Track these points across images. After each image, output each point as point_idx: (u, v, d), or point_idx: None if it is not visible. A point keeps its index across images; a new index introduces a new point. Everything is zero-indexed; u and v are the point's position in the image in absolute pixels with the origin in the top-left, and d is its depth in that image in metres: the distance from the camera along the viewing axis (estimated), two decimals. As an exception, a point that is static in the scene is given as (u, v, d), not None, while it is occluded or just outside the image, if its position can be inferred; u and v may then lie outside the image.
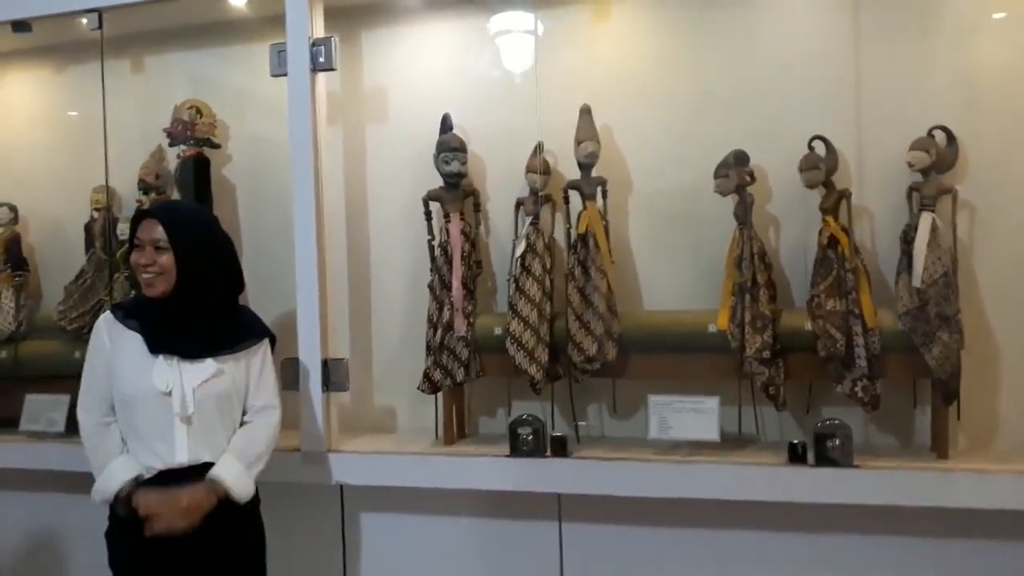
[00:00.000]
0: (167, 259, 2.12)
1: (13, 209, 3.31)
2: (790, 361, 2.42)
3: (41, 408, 3.02)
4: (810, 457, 2.29)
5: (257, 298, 2.98)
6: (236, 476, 2.13)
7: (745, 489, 2.31)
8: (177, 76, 3.19)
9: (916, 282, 2.30)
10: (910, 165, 2.36)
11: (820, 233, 2.42)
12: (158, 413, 2.10)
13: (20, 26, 3.04)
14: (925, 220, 2.34)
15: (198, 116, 2.98)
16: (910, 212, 2.41)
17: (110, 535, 2.19)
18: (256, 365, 2.25)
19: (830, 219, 2.42)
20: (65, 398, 2.97)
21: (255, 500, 2.25)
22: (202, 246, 2.18)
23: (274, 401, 2.28)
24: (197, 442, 2.12)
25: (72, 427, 2.89)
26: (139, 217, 2.18)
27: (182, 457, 2.11)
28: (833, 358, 2.34)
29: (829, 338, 2.33)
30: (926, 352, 2.28)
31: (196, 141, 2.97)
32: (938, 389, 2.34)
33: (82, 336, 3.04)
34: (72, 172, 3.28)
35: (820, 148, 2.46)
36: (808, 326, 2.38)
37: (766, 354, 2.38)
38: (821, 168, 2.42)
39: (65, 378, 2.99)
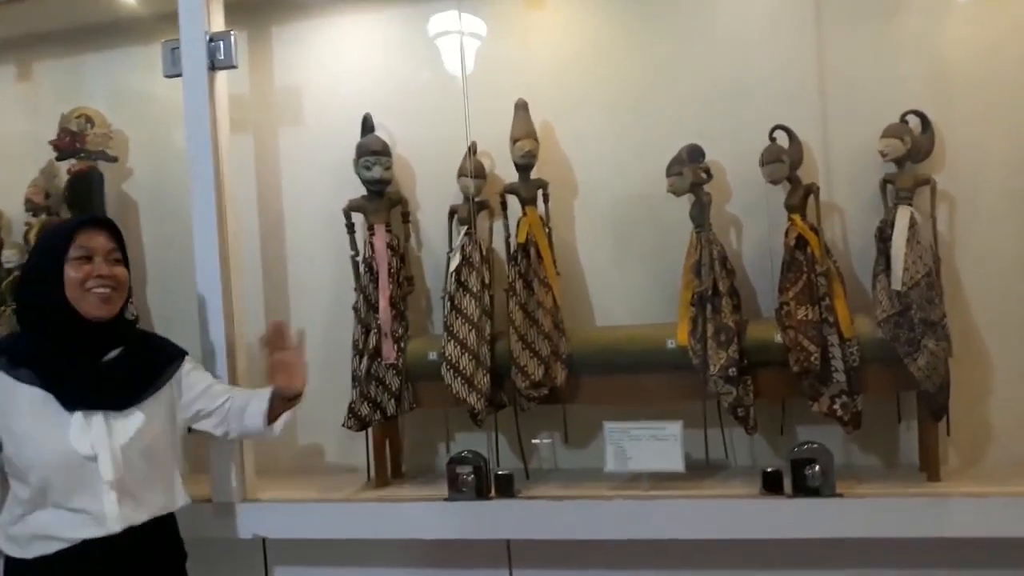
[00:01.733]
0: (123, 273, 1.85)
1: None
2: (759, 378, 2.16)
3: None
4: (787, 486, 2.03)
5: (168, 332, 2.67)
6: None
7: (715, 526, 2.03)
8: (68, 83, 2.85)
9: (896, 284, 2.06)
10: (883, 154, 2.14)
11: (786, 233, 2.18)
12: (78, 480, 1.74)
13: None
14: (902, 215, 2.10)
15: (88, 126, 2.65)
16: (885, 207, 2.17)
17: None
18: (191, 374, 1.99)
19: (797, 217, 2.17)
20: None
21: (182, 554, 1.97)
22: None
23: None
24: (130, 506, 1.79)
25: None
26: (80, 224, 1.83)
27: (114, 525, 1.76)
28: (808, 373, 2.08)
29: (802, 351, 2.07)
30: (910, 363, 2.03)
31: (87, 154, 2.64)
32: (925, 403, 2.10)
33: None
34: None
35: (783, 139, 2.23)
36: (778, 338, 2.13)
37: (732, 371, 2.11)
38: (785, 161, 2.18)
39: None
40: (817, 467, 1.99)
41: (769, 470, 2.06)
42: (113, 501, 1.76)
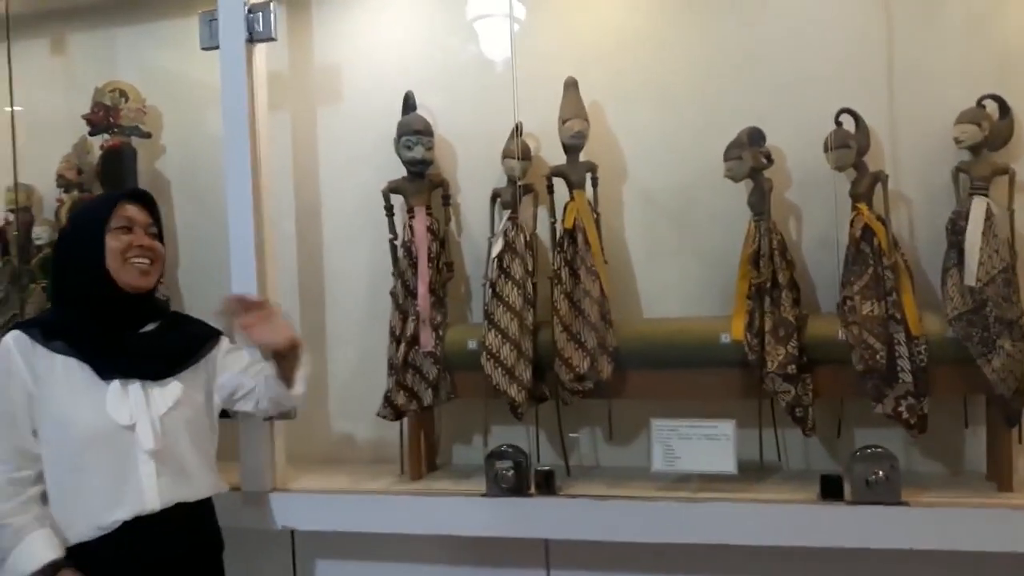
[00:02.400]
0: (160, 246, 1.86)
1: (-82, 212, 2.89)
2: (819, 376, 2.04)
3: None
4: (847, 492, 1.90)
5: (201, 314, 2.59)
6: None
7: (769, 532, 1.92)
8: (104, 56, 2.78)
9: (970, 280, 1.93)
10: (957, 141, 2.00)
11: (852, 224, 2.05)
12: (117, 453, 1.69)
13: (-84, 0, 2.64)
14: (978, 206, 1.97)
15: (123, 100, 2.57)
16: (957, 197, 2.04)
17: None
18: (229, 353, 1.94)
19: (863, 207, 2.04)
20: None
21: (219, 544, 1.90)
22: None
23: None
24: (169, 482, 1.73)
25: None
26: (122, 197, 1.84)
27: (154, 502, 1.71)
28: (872, 372, 1.95)
29: (867, 348, 1.95)
30: (984, 364, 1.90)
31: (121, 129, 2.57)
32: (997, 407, 1.97)
33: (-6, 357, 2.65)
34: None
35: (849, 124, 2.09)
36: (840, 334, 2.01)
37: (791, 368, 2.00)
38: (852, 147, 2.05)
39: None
40: (881, 472, 1.87)
41: (828, 474, 1.94)
42: (152, 474, 1.71)
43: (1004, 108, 2.03)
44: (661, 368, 2.13)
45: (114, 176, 2.56)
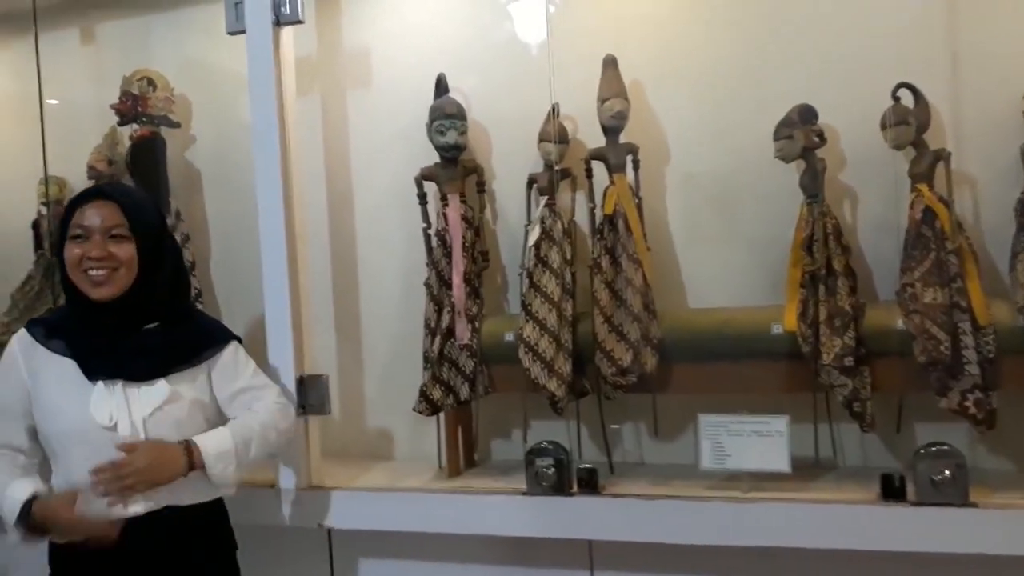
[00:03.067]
0: (127, 250, 1.71)
1: (-46, 207, 2.89)
2: (877, 369, 1.93)
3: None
4: (910, 492, 1.79)
5: (229, 307, 2.60)
6: (219, 449, 1.71)
7: (826, 534, 1.81)
8: (131, 46, 2.73)
9: (1042, 265, 1.79)
10: (1027, 116, 1.86)
11: (912, 206, 1.93)
12: (100, 453, 1.65)
13: (-55, -8, 2.61)
14: (1050, 185, 1.83)
15: (151, 89, 2.52)
16: (1026, 177, 1.90)
17: None
18: (227, 367, 1.83)
19: (924, 188, 1.92)
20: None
21: (231, 544, 1.85)
22: (160, 235, 1.80)
23: (264, 381, 1.88)
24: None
25: None
26: (82, 199, 1.73)
27: (136, 505, 1.67)
28: (936, 365, 1.83)
29: (930, 339, 1.83)
30: (1058, 355, 1.77)
31: (149, 118, 2.51)
32: (1073, 401, 1.83)
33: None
34: (23, 163, 2.82)
35: (907, 99, 1.96)
36: (900, 324, 1.89)
37: (848, 360, 1.88)
38: (911, 123, 1.92)
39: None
40: (947, 472, 1.75)
41: (889, 473, 1.82)
42: None
43: (1080, 79, 1.88)
44: (708, 361, 2.03)
45: (143, 166, 2.51)
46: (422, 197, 2.27)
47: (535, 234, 2.15)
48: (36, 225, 2.75)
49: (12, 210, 2.83)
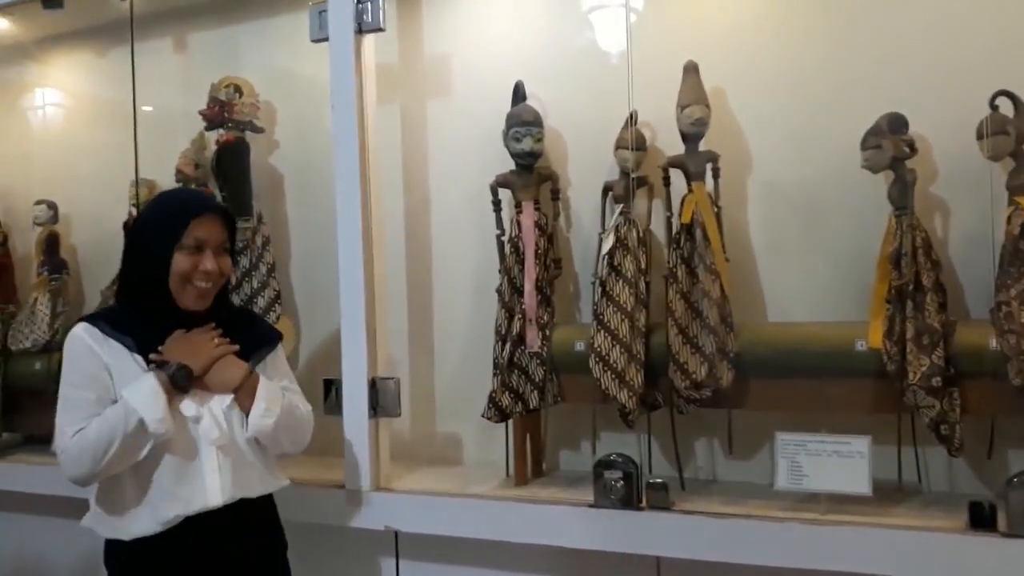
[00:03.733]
0: (227, 265, 1.78)
1: (52, 207, 3.03)
2: (967, 390, 1.83)
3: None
4: (1001, 522, 1.69)
5: (310, 309, 2.64)
6: (269, 393, 1.76)
7: (909, 563, 1.71)
8: (220, 54, 2.82)
9: None
10: None
11: (1009, 220, 1.82)
12: (181, 447, 1.68)
13: (50, 3, 2.74)
14: None
15: (237, 95, 2.59)
16: None
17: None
18: (277, 364, 1.88)
19: (1023, 200, 1.81)
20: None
21: (283, 543, 1.86)
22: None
23: (293, 387, 1.89)
24: (230, 477, 1.71)
25: None
26: (199, 211, 1.73)
27: (215, 497, 1.69)
28: (1032, 388, 1.73)
29: (1026, 361, 1.72)
30: None
31: (235, 124, 2.58)
32: None
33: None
34: (117, 166, 2.93)
35: (1006, 107, 1.86)
36: (993, 344, 1.79)
37: (936, 381, 1.79)
38: (1011, 133, 1.83)
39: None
40: (1043, 503, 1.65)
41: (978, 501, 1.72)
42: (215, 468, 1.69)
43: None
44: (787, 377, 1.96)
45: (229, 171, 2.58)
46: (497, 204, 2.27)
47: (609, 242, 2.12)
48: (127, 226, 2.84)
49: (108, 209, 2.95)
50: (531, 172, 2.24)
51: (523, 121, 2.19)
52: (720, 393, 1.99)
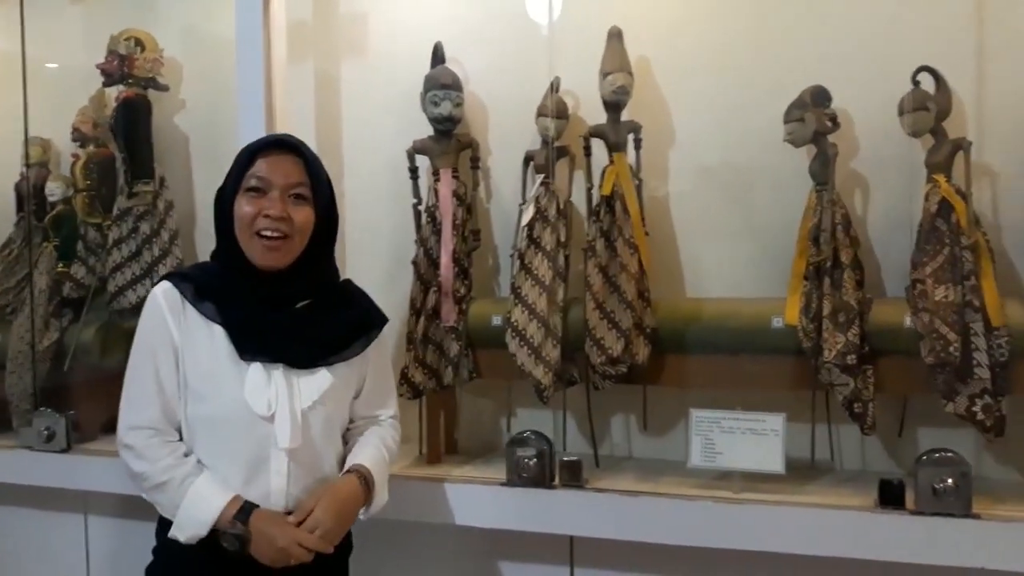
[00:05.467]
0: (305, 215, 1.55)
1: (-63, 166, 2.81)
2: (882, 368, 1.83)
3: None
4: (909, 500, 1.69)
5: None
6: (380, 471, 1.63)
7: (820, 540, 1.72)
8: (122, 6, 2.64)
9: (1063, 264, 1.69)
10: (1054, 106, 1.75)
11: (927, 197, 1.82)
12: (249, 445, 1.53)
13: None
14: (1075, 180, 1.72)
15: (138, 49, 2.43)
16: (1051, 170, 1.79)
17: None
18: (377, 364, 1.71)
19: (941, 179, 1.81)
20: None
21: (348, 545, 1.72)
22: (333, 203, 1.64)
23: (391, 383, 1.79)
24: (297, 482, 1.55)
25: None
26: (264, 146, 1.55)
27: (279, 503, 1.54)
28: (944, 366, 1.73)
29: (939, 339, 1.72)
30: (1075, 361, 1.66)
31: (136, 80, 2.42)
32: (1089, 411, 1.73)
33: (4, 317, 2.57)
34: (7, 126, 2.72)
35: (928, 84, 1.85)
36: (908, 322, 1.79)
37: (851, 359, 1.78)
38: (930, 109, 1.82)
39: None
40: (950, 480, 1.65)
41: (888, 479, 1.73)
42: (283, 472, 1.54)
43: (1111, 69, 1.77)
44: (704, 353, 1.94)
45: (129, 129, 2.42)
46: (413, 171, 2.18)
47: (529, 214, 2.05)
48: (18, 187, 2.67)
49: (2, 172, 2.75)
50: (450, 139, 2.15)
51: (441, 84, 2.10)
52: (636, 369, 1.95)
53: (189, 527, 1.50)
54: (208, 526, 1.49)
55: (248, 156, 1.55)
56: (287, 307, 1.59)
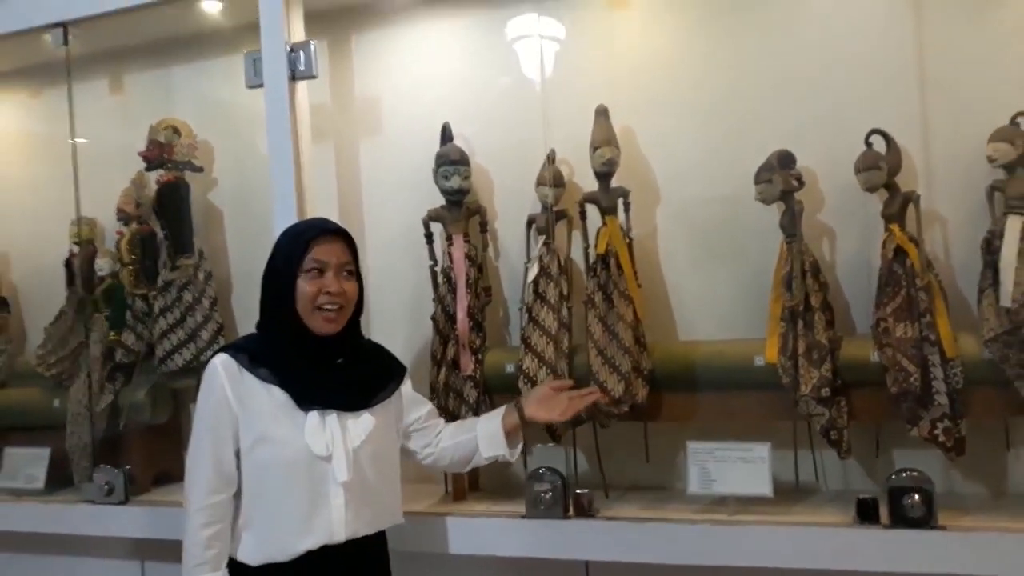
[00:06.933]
0: (354, 288, 1.83)
1: (-11, 245, 3.08)
2: (854, 399, 2.05)
3: (20, 463, 2.76)
4: (883, 516, 1.90)
5: None
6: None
7: (804, 555, 1.93)
8: (157, 94, 2.91)
9: (1005, 301, 1.91)
10: (991, 160, 1.99)
11: (884, 244, 2.05)
12: (311, 483, 1.75)
13: (-20, 45, 2.80)
14: (1013, 225, 1.95)
15: (176, 137, 2.69)
16: (992, 216, 2.02)
17: None
18: (414, 396, 2.02)
19: (895, 227, 2.04)
20: (45, 452, 2.74)
21: (388, 574, 1.96)
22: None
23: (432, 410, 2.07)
24: (355, 514, 1.78)
25: (54, 483, 2.70)
26: (319, 233, 1.81)
27: (340, 533, 1.77)
28: (906, 395, 1.95)
29: (900, 371, 1.95)
30: (1021, 386, 1.88)
31: (175, 164, 2.69)
32: (1037, 429, 1.94)
33: (62, 383, 2.81)
34: (55, 203, 2.98)
35: (880, 144, 2.09)
36: (874, 356, 2.01)
37: (825, 392, 2.00)
38: (882, 168, 2.05)
39: (43, 429, 2.78)
40: (917, 496, 1.87)
41: (864, 497, 1.94)
42: (342, 505, 1.76)
43: (1039, 126, 2.00)
44: (696, 391, 2.16)
45: (169, 209, 2.68)
46: (428, 237, 2.42)
47: (533, 271, 2.29)
48: (68, 263, 2.91)
49: (47, 245, 3.01)
50: (460, 207, 2.40)
51: (451, 160, 2.35)
52: (637, 407, 2.17)
53: None
54: None
55: (304, 243, 1.79)
56: (330, 363, 1.84)
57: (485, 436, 1.98)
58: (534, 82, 2.43)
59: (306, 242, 1.79)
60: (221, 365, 1.78)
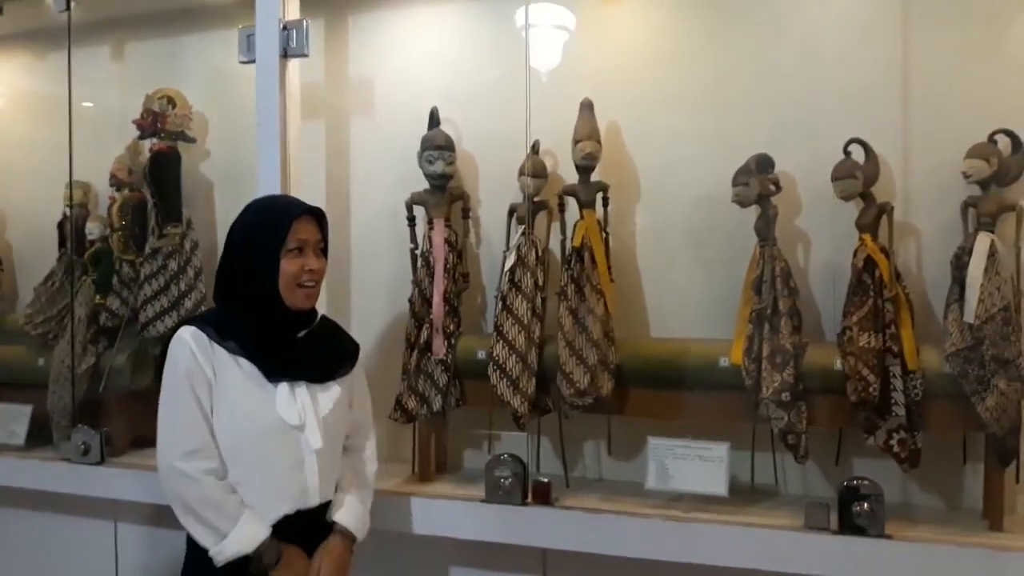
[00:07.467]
0: (324, 264, 1.90)
1: (-15, 203, 3.12)
2: (815, 405, 2.07)
3: (2, 418, 2.81)
4: (833, 522, 1.93)
5: None
6: (361, 521, 1.93)
7: (754, 556, 1.96)
8: (157, 64, 2.94)
9: (969, 317, 1.93)
10: (966, 176, 2.00)
11: (855, 254, 2.06)
12: (285, 451, 1.79)
13: (-11, 8, 2.85)
14: (982, 242, 1.96)
15: (170, 107, 2.72)
16: (964, 232, 2.04)
17: None
18: (358, 383, 2.01)
19: (867, 238, 2.06)
20: (27, 409, 2.79)
21: None
22: None
23: (370, 416, 2.07)
24: (325, 478, 1.85)
25: (34, 440, 2.75)
26: (298, 214, 1.84)
27: (315, 497, 1.83)
28: (864, 404, 1.97)
29: (860, 380, 1.97)
30: (978, 402, 1.90)
31: (167, 134, 2.72)
32: (992, 446, 1.96)
33: (48, 343, 2.85)
34: (54, 167, 3.01)
35: (858, 154, 2.09)
36: (838, 364, 2.03)
37: (785, 396, 2.02)
38: (858, 177, 2.06)
39: (28, 386, 2.82)
40: (865, 504, 1.89)
41: (816, 503, 1.96)
42: (315, 472, 1.81)
43: (1016, 144, 2.01)
44: (660, 387, 2.19)
45: (160, 177, 2.71)
46: (411, 220, 2.44)
47: (511, 260, 2.31)
48: (61, 225, 2.96)
49: (43, 207, 3.04)
50: (443, 192, 2.42)
51: (436, 145, 2.37)
52: (601, 400, 2.20)
53: (238, 543, 1.73)
54: (256, 543, 1.74)
55: (288, 223, 1.81)
56: (293, 336, 1.87)
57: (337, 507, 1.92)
58: (523, 70, 2.44)
59: (289, 222, 1.81)
60: (190, 336, 1.79)
